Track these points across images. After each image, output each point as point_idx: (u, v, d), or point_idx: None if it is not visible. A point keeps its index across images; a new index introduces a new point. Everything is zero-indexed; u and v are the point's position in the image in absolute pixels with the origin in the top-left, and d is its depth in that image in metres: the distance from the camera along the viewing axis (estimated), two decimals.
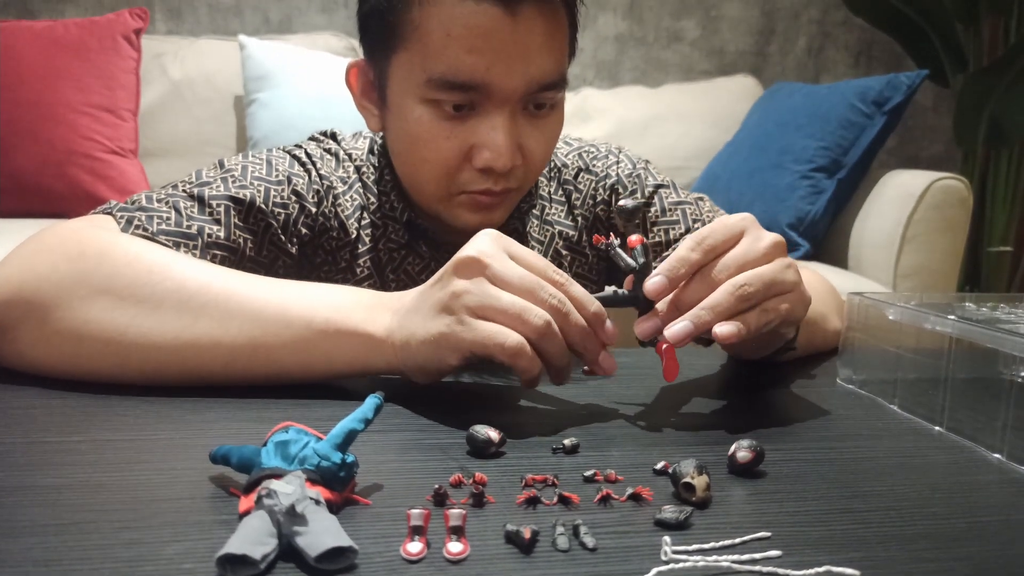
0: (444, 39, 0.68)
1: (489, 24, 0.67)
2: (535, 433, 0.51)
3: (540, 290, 0.52)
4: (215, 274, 0.59)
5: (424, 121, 0.71)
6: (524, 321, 0.51)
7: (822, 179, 2.00)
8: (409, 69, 0.71)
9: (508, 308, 0.51)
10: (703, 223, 0.87)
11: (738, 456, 0.45)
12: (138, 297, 0.56)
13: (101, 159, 1.94)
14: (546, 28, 0.70)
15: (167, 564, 0.33)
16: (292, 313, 0.56)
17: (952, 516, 0.42)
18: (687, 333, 0.51)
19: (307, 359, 0.57)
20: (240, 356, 0.56)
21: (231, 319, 0.56)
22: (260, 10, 2.47)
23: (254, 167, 0.75)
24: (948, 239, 1.91)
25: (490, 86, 0.69)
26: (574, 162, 0.90)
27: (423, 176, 0.75)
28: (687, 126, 2.37)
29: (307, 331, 0.56)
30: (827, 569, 0.34)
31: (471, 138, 0.72)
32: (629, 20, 2.69)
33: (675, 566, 0.34)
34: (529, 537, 0.35)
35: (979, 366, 0.54)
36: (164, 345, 0.56)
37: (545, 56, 0.70)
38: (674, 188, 0.89)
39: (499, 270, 0.52)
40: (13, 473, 0.42)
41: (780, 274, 0.54)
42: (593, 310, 0.54)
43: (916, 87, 1.96)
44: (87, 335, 0.56)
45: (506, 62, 0.68)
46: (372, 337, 0.56)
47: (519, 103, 0.71)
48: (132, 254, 0.59)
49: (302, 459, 0.38)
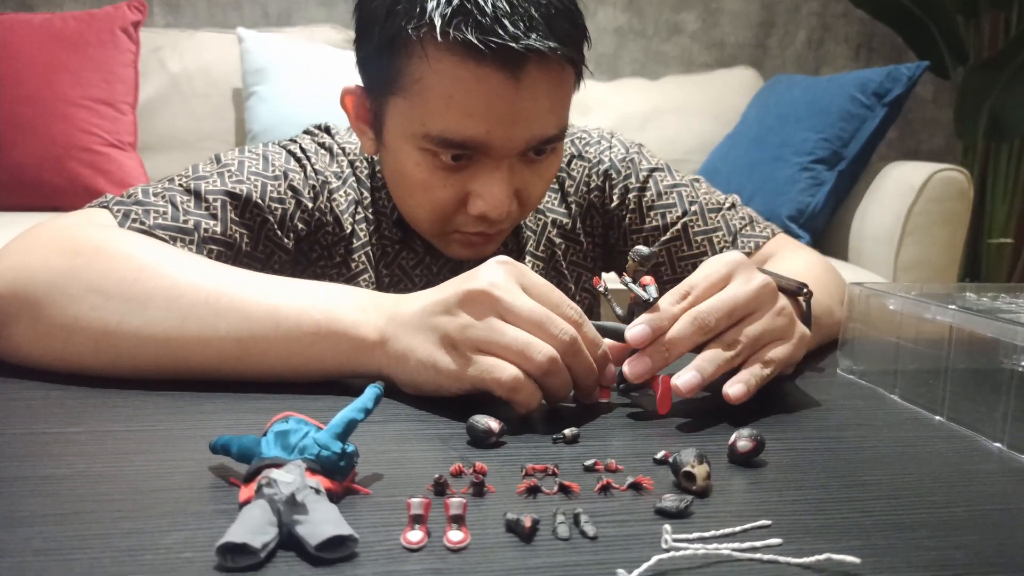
0: (445, 100, 0.66)
1: (491, 90, 0.65)
2: (535, 423, 0.51)
3: (551, 324, 0.50)
4: (207, 272, 0.57)
5: (421, 167, 0.70)
6: (527, 358, 0.49)
7: (822, 171, 1.99)
8: (408, 117, 0.69)
9: (511, 344, 0.49)
10: (699, 205, 0.86)
11: (738, 445, 0.45)
12: (127, 295, 0.55)
13: (100, 152, 1.94)
14: (549, 89, 0.68)
15: (167, 553, 0.33)
16: (282, 313, 0.55)
17: (952, 505, 0.42)
18: (696, 384, 0.52)
19: (297, 360, 0.55)
20: (229, 356, 0.55)
21: (219, 318, 0.55)
22: (259, 3, 2.47)
23: (250, 162, 0.74)
24: (948, 231, 1.91)
25: (489, 145, 0.68)
26: (567, 149, 0.89)
27: (417, 215, 0.75)
28: (687, 119, 2.37)
29: (297, 332, 0.54)
30: (827, 557, 0.34)
31: (467, 186, 0.70)
32: (629, 13, 2.68)
33: (676, 554, 0.34)
34: (529, 526, 0.35)
35: (979, 356, 0.54)
36: (154, 343, 0.55)
37: (547, 116, 0.69)
38: (668, 171, 0.88)
39: (509, 304, 0.50)
40: (13, 463, 0.42)
41: (771, 324, 0.55)
42: (600, 352, 0.53)
43: (916, 79, 1.96)
44: (78, 331, 0.55)
45: (506, 126, 0.67)
46: (364, 340, 0.54)
47: (518, 156, 0.70)
48: (125, 251, 0.58)
49: (302, 448, 0.38)
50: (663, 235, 0.86)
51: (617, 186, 0.87)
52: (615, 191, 0.87)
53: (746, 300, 0.54)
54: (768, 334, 0.55)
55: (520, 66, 0.65)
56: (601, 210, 0.88)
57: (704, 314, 0.53)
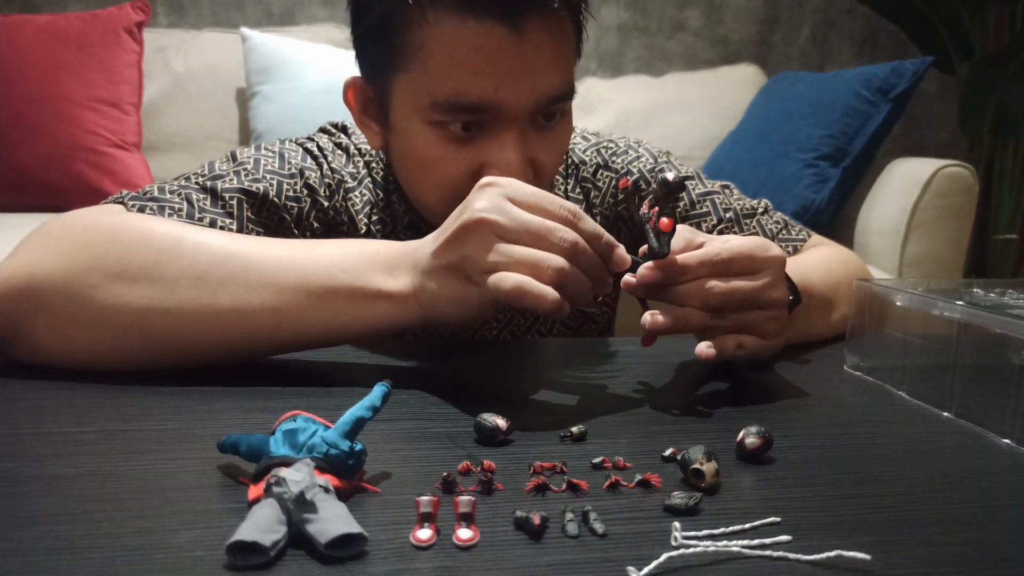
0: (448, 61, 0.66)
1: (494, 44, 0.65)
2: (543, 421, 0.51)
3: (549, 234, 0.53)
4: (227, 244, 0.58)
5: (431, 143, 0.69)
6: (538, 272, 0.51)
7: (827, 167, 1.99)
8: (413, 91, 0.68)
9: (521, 262, 0.52)
10: (734, 212, 0.86)
11: (747, 442, 0.45)
12: (152, 278, 0.56)
13: (104, 153, 1.94)
14: (552, 42, 0.67)
15: (177, 552, 0.33)
16: (312, 282, 0.57)
17: (962, 501, 0.41)
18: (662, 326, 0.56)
19: (337, 325, 0.57)
20: (265, 328, 0.57)
21: (251, 292, 0.56)
22: (262, 2, 2.47)
23: (267, 160, 0.74)
24: (954, 227, 1.90)
25: (498, 106, 0.67)
26: (592, 159, 0.88)
27: (431, 197, 0.74)
28: (691, 116, 2.36)
29: (332, 297, 0.57)
30: (838, 554, 0.34)
31: (480, 157, 0.69)
32: (632, 10, 2.67)
33: (685, 551, 0.34)
34: (539, 523, 0.35)
35: (988, 352, 0.54)
36: (187, 324, 0.56)
37: (552, 71, 0.68)
38: (700, 179, 0.88)
39: (506, 225, 0.53)
40: (23, 463, 0.42)
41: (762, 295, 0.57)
42: (604, 241, 0.55)
43: (921, 74, 1.95)
44: (105, 322, 0.56)
45: (513, 81, 0.66)
46: (398, 296, 0.57)
47: (528, 118, 0.69)
48: (140, 232, 0.58)
49: (311, 447, 0.38)
50: None
51: (647, 197, 0.86)
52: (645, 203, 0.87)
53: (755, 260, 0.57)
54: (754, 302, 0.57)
55: (522, 18, 0.65)
56: (630, 222, 0.87)
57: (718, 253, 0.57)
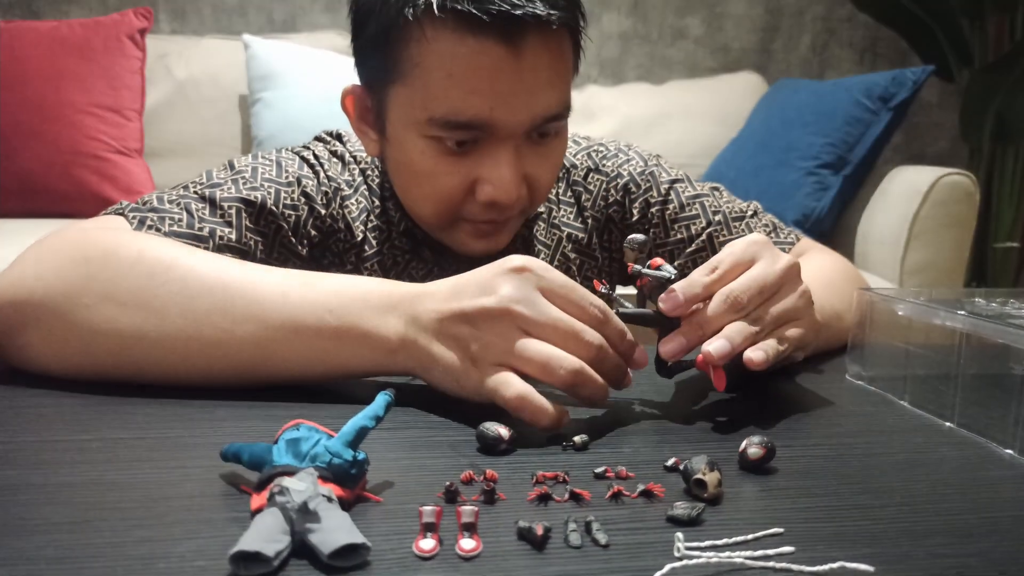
0: (445, 79, 0.66)
1: (492, 63, 0.65)
2: (545, 430, 0.51)
3: (578, 336, 0.50)
4: (220, 272, 0.57)
5: (426, 156, 0.70)
6: (550, 372, 0.49)
7: (828, 176, 1.99)
8: (409, 104, 0.69)
9: (533, 359, 0.49)
10: (723, 215, 0.86)
11: (749, 452, 0.45)
12: (140, 303, 0.55)
13: (106, 159, 1.94)
14: (550, 60, 0.68)
15: (179, 561, 0.33)
16: (298, 319, 0.54)
17: (965, 512, 0.41)
18: (726, 352, 0.52)
19: (321, 367, 0.55)
20: (250, 362, 0.55)
21: (237, 324, 0.54)
22: (264, 9, 2.48)
23: (264, 168, 0.75)
24: (954, 235, 1.90)
25: (494, 124, 0.67)
26: (583, 162, 0.88)
27: (424, 208, 0.74)
28: (692, 123, 2.37)
29: (316, 338, 0.54)
30: (841, 565, 0.34)
31: (474, 172, 0.70)
32: (633, 18, 2.68)
33: (688, 562, 0.34)
34: (541, 533, 0.35)
35: (990, 361, 0.54)
36: (174, 351, 0.55)
37: (549, 90, 0.69)
38: (689, 181, 0.88)
39: (533, 319, 0.50)
40: (25, 471, 0.42)
41: (793, 304, 0.56)
42: (628, 341, 0.54)
43: (922, 83, 1.95)
44: (95, 343, 0.56)
45: (510, 100, 0.66)
46: (386, 344, 0.54)
47: (523, 135, 0.70)
48: (134, 255, 0.57)
49: (313, 456, 0.38)
50: (688, 247, 0.86)
51: (637, 200, 0.87)
52: (635, 205, 0.87)
53: (775, 280, 0.55)
54: (788, 313, 0.55)
55: (520, 36, 0.65)
56: (620, 224, 0.88)
57: (737, 292, 0.53)
